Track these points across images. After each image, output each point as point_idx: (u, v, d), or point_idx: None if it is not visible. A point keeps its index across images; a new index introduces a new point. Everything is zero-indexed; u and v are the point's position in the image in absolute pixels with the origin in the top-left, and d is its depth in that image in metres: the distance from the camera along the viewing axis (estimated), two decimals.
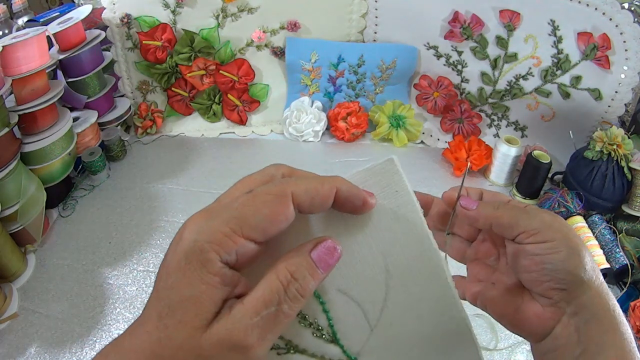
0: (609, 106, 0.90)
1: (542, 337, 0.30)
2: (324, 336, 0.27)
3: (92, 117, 0.93)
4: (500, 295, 0.33)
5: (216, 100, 1.08)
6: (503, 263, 0.35)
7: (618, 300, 0.71)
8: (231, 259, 0.22)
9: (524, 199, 0.89)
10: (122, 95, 1.06)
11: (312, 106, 1.07)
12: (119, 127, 1.02)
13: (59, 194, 0.88)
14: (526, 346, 0.64)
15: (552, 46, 0.90)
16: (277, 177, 0.26)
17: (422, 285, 0.28)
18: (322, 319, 0.27)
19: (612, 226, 0.77)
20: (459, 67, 1.00)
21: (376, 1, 1.00)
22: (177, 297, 0.21)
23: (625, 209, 0.79)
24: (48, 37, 0.83)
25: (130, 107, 1.03)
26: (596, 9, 0.84)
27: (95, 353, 0.62)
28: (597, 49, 0.86)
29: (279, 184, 0.24)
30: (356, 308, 0.28)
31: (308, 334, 0.27)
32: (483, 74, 0.99)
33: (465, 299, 0.35)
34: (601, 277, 0.31)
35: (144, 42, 1.00)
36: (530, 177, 0.87)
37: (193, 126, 1.10)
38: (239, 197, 0.23)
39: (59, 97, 0.81)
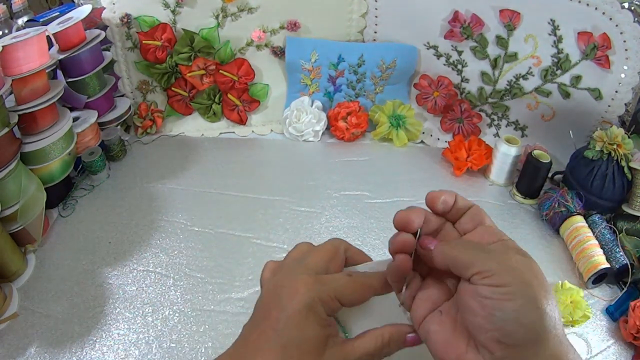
0: (609, 106, 0.90)
1: None
2: None
3: (92, 117, 0.93)
4: (443, 333, 0.30)
5: (216, 100, 1.08)
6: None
7: (618, 301, 0.71)
8: (331, 314, 0.32)
9: (524, 198, 0.89)
10: (122, 95, 1.06)
11: (312, 106, 1.07)
12: (119, 127, 1.02)
13: (59, 194, 0.88)
14: None
15: (552, 46, 0.90)
16: (341, 251, 0.37)
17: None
18: None
19: (612, 226, 0.77)
20: (459, 66, 1.00)
21: (376, 1, 1.00)
22: (301, 335, 0.30)
23: (626, 208, 0.79)
24: (48, 37, 0.83)
25: (130, 107, 1.03)
26: (596, 8, 0.84)
27: (95, 353, 0.63)
28: (597, 49, 0.86)
29: (371, 278, 0.34)
30: None
31: None
32: (483, 74, 0.99)
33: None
34: (562, 331, 0.26)
35: (143, 42, 1.00)
36: (530, 176, 0.87)
37: (193, 126, 1.10)
38: (342, 276, 0.34)
39: (59, 97, 0.81)
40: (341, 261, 0.36)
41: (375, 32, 1.04)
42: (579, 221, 0.78)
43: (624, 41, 0.84)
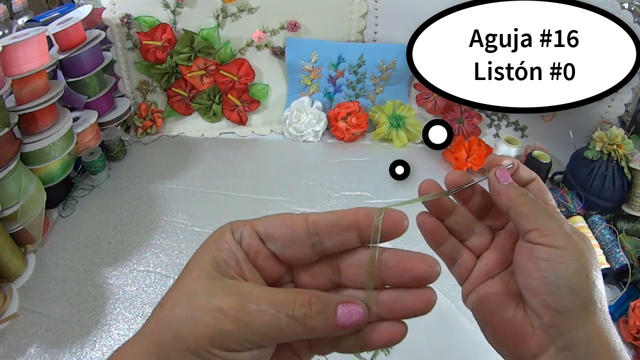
0: (608, 106, 0.90)
1: None
2: None
3: (92, 117, 0.93)
4: (494, 296, 0.30)
5: (216, 100, 1.08)
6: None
7: (618, 301, 0.71)
8: (244, 243, 0.25)
9: None
10: (122, 95, 1.06)
11: (312, 106, 1.07)
12: (119, 127, 1.02)
13: (59, 194, 0.88)
14: None
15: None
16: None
17: None
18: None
19: (612, 226, 0.77)
20: None
21: (376, 1, 1.00)
22: (195, 254, 0.25)
23: (625, 209, 0.79)
24: (48, 37, 0.83)
25: (130, 107, 1.03)
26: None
27: (95, 353, 0.63)
28: None
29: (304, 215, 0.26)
30: None
31: None
32: None
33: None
34: (606, 308, 0.27)
35: (144, 42, 1.00)
36: None
37: (193, 126, 1.10)
38: None
39: (59, 97, 0.81)
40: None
41: (375, 33, 1.04)
42: (578, 221, 0.78)
43: None
